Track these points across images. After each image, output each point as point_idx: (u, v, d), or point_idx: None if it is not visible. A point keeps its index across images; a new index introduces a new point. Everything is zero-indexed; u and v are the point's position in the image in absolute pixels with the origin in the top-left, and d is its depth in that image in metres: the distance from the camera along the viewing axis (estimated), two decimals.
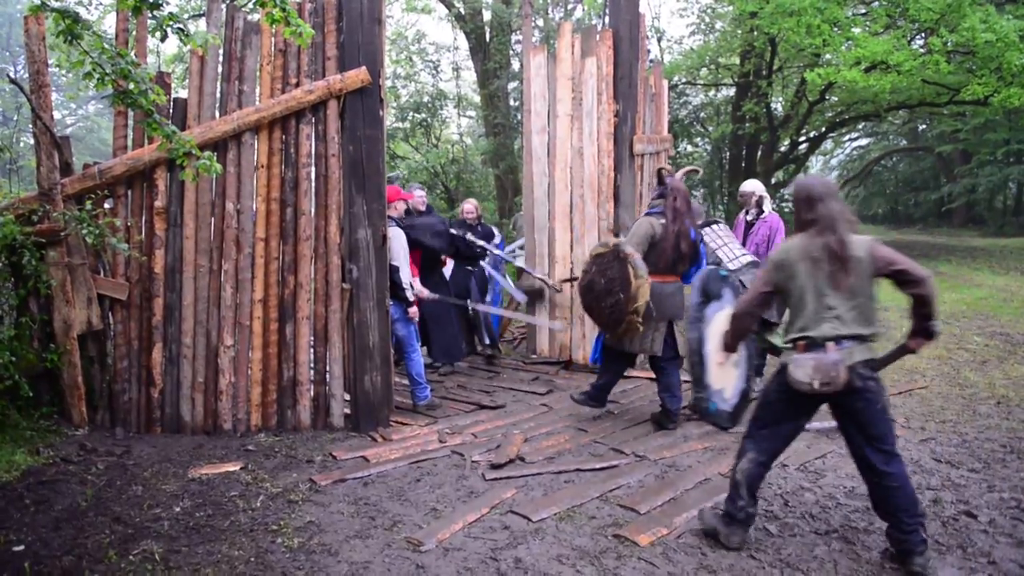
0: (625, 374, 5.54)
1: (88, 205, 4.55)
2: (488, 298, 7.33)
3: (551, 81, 6.62)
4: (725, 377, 4.70)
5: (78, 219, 4.38)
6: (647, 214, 4.96)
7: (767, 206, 5.91)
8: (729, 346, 3.44)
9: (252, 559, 3.14)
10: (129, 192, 4.80)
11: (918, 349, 3.17)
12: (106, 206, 4.77)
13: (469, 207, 7.35)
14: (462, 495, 3.87)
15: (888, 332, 7.47)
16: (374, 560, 3.14)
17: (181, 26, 2.99)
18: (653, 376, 6.40)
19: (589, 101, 6.43)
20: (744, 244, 5.78)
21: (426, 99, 16.15)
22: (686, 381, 5.22)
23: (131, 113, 4.83)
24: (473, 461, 4.36)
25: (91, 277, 4.69)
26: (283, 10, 3.48)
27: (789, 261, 3.06)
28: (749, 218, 5.95)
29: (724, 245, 5.19)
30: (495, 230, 7.74)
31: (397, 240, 5.28)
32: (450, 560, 3.13)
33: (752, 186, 6.12)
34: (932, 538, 3.21)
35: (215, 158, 3.76)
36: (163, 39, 2.96)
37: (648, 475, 4.12)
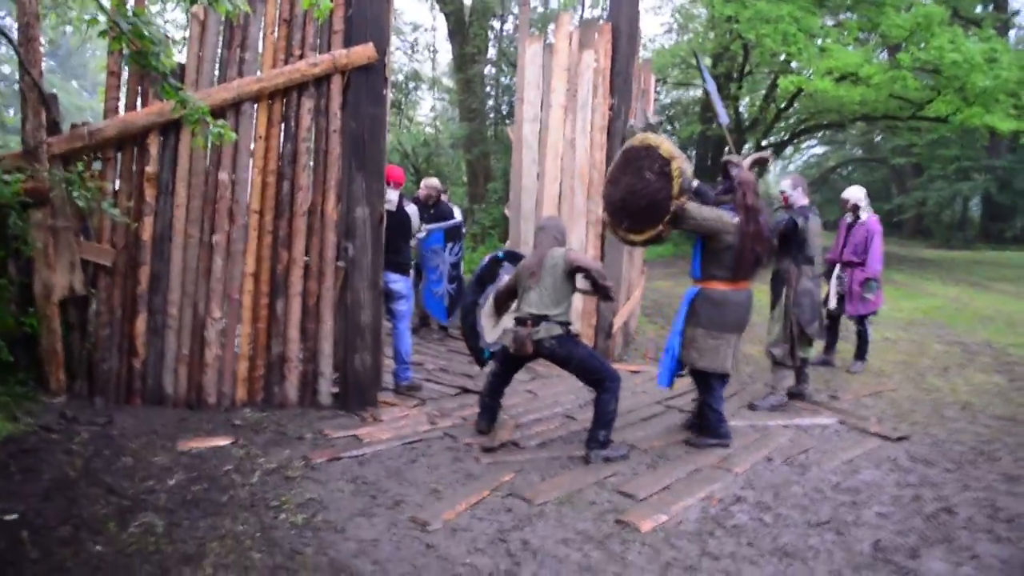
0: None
1: (79, 167, 4.39)
2: (421, 285, 7.47)
3: (546, 71, 6.62)
4: (497, 331, 5.00)
5: (68, 180, 4.22)
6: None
7: (864, 212, 6.38)
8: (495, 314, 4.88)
9: (258, 535, 3.10)
10: (119, 156, 4.64)
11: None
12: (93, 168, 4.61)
13: (421, 189, 7.69)
14: (460, 477, 3.89)
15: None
16: (382, 538, 3.13)
17: None
18: (634, 370, 6.56)
19: (584, 93, 6.45)
20: (844, 245, 6.46)
21: (400, 78, 15.97)
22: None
23: (125, 74, 4.68)
24: (466, 444, 4.39)
25: (76, 241, 4.53)
26: None
27: (521, 267, 4.46)
28: (848, 221, 6.51)
29: None
30: (456, 210, 7.81)
31: (416, 216, 5.69)
32: (459, 540, 3.15)
33: (849, 193, 6.62)
34: (917, 532, 3.37)
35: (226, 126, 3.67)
36: (192, 2, 2.87)
37: (640, 463, 4.20)
